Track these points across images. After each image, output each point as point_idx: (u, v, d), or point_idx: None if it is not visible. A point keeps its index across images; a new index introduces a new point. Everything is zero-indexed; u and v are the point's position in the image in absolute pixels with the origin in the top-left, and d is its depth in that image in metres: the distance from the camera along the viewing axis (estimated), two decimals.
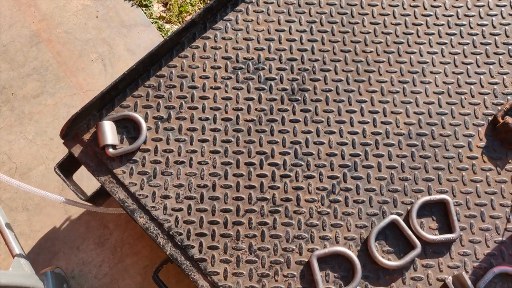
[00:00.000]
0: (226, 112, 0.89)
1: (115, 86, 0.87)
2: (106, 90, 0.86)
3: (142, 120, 0.87)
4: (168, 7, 1.32)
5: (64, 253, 1.07)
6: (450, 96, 0.90)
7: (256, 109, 0.89)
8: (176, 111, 0.89)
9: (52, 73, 1.21)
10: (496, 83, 0.90)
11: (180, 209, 0.82)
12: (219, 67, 0.92)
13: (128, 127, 0.88)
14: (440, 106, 0.89)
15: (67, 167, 0.87)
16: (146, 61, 0.89)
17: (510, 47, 0.93)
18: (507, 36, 0.94)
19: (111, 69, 1.17)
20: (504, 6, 0.96)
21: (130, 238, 1.08)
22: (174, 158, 0.85)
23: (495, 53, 0.92)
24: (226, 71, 0.91)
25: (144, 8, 1.29)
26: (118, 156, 0.85)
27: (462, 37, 0.94)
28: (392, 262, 0.78)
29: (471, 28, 0.95)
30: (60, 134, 0.83)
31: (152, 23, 1.26)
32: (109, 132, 0.85)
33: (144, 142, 0.86)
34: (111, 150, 0.84)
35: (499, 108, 0.88)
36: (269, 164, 0.85)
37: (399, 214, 0.82)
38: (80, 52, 1.23)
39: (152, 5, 1.31)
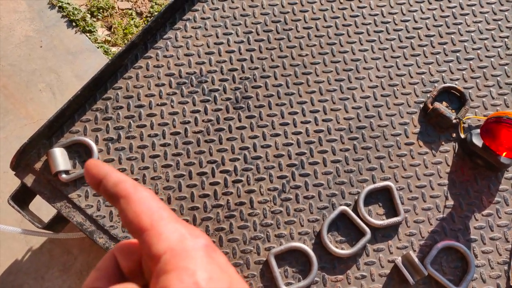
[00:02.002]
0: (174, 127, 0.92)
1: (63, 113, 0.89)
2: (53, 118, 0.87)
3: (92, 143, 0.89)
4: (112, 30, 1.34)
5: (29, 284, 1.07)
6: (383, 88, 0.96)
7: (203, 121, 0.92)
8: (126, 130, 0.91)
9: (0, 106, 1.21)
10: (423, 73, 0.97)
11: None
12: (163, 84, 0.95)
13: (79, 152, 0.89)
14: (376, 99, 0.95)
15: (21, 198, 0.87)
16: (91, 85, 0.91)
17: (432, 38, 1.00)
18: (428, 29, 1.01)
19: (60, 97, 1.18)
20: (423, 2, 1.03)
21: (95, 261, 1.09)
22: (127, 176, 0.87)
23: (419, 45, 1.00)
24: (171, 87, 0.95)
25: (88, 34, 1.30)
26: (72, 180, 0.86)
27: (388, 33, 1.01)
28: (345, 250, 0.83)
29: (396, 24, 1.02)
30: (10, 166, 0.84)
31: (98, 47, 1.28)
32: (60, 158, 0.86)
33: None
34: (64, 175, 0.85)
35: (428, 95, 0.95)
36: (221, 172, 0.89)
37: (348, 205, 0.87)
38: (27, 83, 1.24)
39: (96, 30, 1.33)
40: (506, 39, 1.01)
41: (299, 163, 0.90)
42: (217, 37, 0.99)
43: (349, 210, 0.85)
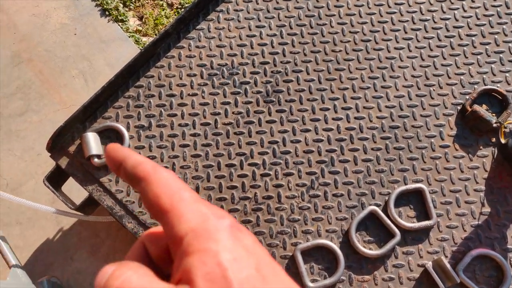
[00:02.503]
0: (205, 117, 0.91)
1: (96, 99, 0.90)
2: (87, 103, 0.88)
3: (124, 130, 0.89)
4: (143, 20, 1.35)
5: (59, 263, 1.09)
6: (419, 88, 0.93)
7: (233, 113, 0.92)
8: (156, 119, 0.91)
9: (36, 91, 1.24)
10: (462, 74, 0.94)
11: None
12: (195, 75, 0.95)
13: (111, 137, 0.90)
14: (411, 99, 0.93)
15: (55, 179, 0.89)
16: (124, 73, 0.92)
17: (473, 38, 0.97)
18: (470, 28, 0.98)
19: (92, 84, 1.20)
20: (465, 0, 1.00)
21: (121, 245, 1.10)
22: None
23: (459, 45, 0.96)
24: (202, 78, 0.94)
25: (120, 23, 1.32)
26: (104, 165, 0.87)
27: (426, 31, 0.98)
28: (373, 251, 0.81)
29: (435, 22, 0.99)
30: (46, 148, 0.85)
31: (129, 37, 1.29)
32: (93, 143, 0.87)
33: None
34: (96, 160, 0.86)
35: (467, 97, 0.92)
36: (249, 164, 0.88)
37: (378, 205, 0.85)
38: (61, 69, 1.26)
39: (128, 20, 1.34)
40: None
41: (329, 160, 0.88)
42: (250, 29, 0.98)
43: (379, 210, 0.83)
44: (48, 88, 1.23)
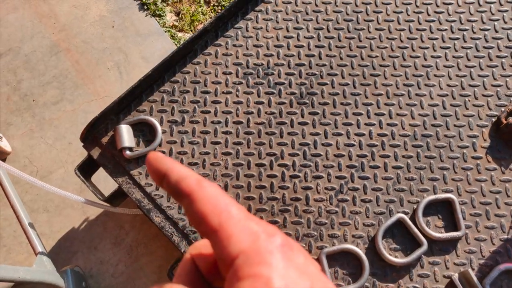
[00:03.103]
0: (238, 116, 0.92)
1: (132, 92, 0.92)
2: (123, 96, 0.90)
3: (157, 124, 0.91)
4: (180, 16, 1.37)
5: (83, 252, 1.12)
6: (454, 98, 0.93)
7: (266, 113, 0.92)
8: (190, 115, 0.93)
9: (71, 80, 1.27)
10: (499, 85, 0.93)
11: None
12: (230, 73, 0.96)
13: (144, 131, 0.92)
14: (445, 108, 0.92)
15: (86, 169, 0.91)
16: (161, 68, 0.93)
17: None
18: (510, 40, 0.96)
19: (126, 76, 1.23)
20: (506, 11, 0.98)
21: (145, 239, 1.12)
22: (188, 159, 0.89)
23: (497, 56, 0.95)
24: (237, 76, 0.95)
25: (157, 18, 1.34)
26: (135, 158, 0.89)
27: (465, 41, 0.97)
28: (399, 259, 0.81)
29: (474, 32, 0.97)
30: (80, 137, 0.88)
31: (165, 32, 1.31)
32: (126, 135, 0.89)
33: (160, 145, 0.91)
34: (128, 152, 0.88)
35: (502, 109, 0.91)
36: (279, 165, 0.89)
37: (406, 213, 0.85)
38: (97, 61, 1.29)
39: (165, 15, 1.36)
40: None
41: (359, 165, 0.88)
42: (287, 30, 0.99)
43: (406, 218, 0.83)
44: (84, 78, 1.26)
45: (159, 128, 0.91)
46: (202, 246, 0.30)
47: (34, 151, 1.21)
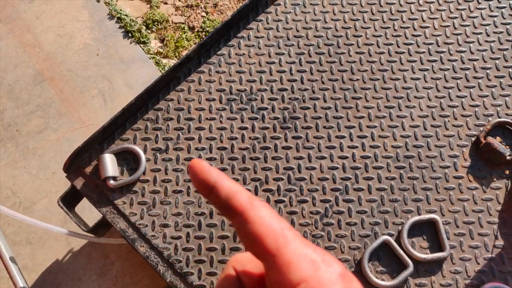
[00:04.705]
0: (222, 142, 0.93)
1: (115, 121, 0.92)
2: (107, 125, 0.90)
3: (141, 152, 0.91)
4: (165, 43, 1.39)
5: (67, 284, 1.09)
6: (434, 119, 0.94)
7: (250, 138, 0.93)
8: (174, 142, 0.93)
9: (55, 109, 1.27)
10: (477, 105, 0.95)
11: (179, 237, 0.85)
12: (214, 99, 0.96)
13: (128, 159, 0.92)
14: (426, 129, 0.93)
15: (69, 200, 0.90)
16: (144, 95, 0.94)
17: (488, 71, 0.98)
18: (485, 61, 0.99)
19: (111, 104, 1.23)
20: (480, 33, 1.01)
21: (131, 268, 1.10)
22: (172, 187, 0.89)
23: (474, 77, 0.97)
24: (221, 102, 0.96)
25: (142, 45, 1.35)
26: (119, 187, 0.89)
27: (442, 63, 0.99)
28: (385, 282, 0.81)
29: (451, 54, 1.00)
30: (63, 168, 0.87)
31: (150, 58, 1.32)
32: (110, 164, 0.89)
33: (144, 173, 0.90)
34: (112, 181, 0.88)
35: (481, 129, 0.93)
36: (264, 190, 0.89)
37: (391, 235, 0.85)
38: (82, 89, 1.29)
39: (150, 42, 1.38)
40: None
41: (344, 188, 0.89)
42: (270, 56, 1.01)
43: (392, 240, 0.83)
44: (68, 106, 1.25)
45: (143, 156, 0.91)
46: (247, 261, 0.31)
47: (17, 181, 1.20)
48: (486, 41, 1.01)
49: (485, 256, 0.83)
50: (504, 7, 1.04)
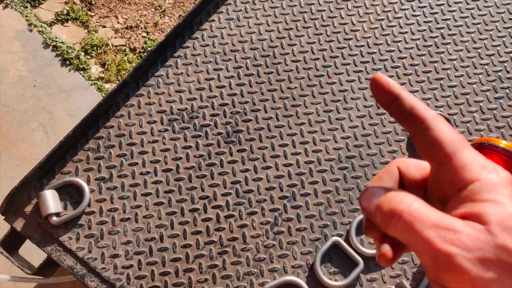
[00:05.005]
0: (166, 163, 0.92)
1: (54, 154, 0.90)
2: (44, 160, 0.88)
3: (84, 184, 0.89)
4: (106, 67, 1.37)
5: None
6: (371, 118, 0.98)
7: (194, 156, 0.93)
8: (117, 169, 0.92)
9: None
10: None
11: (131, 266, 0.84)
12: (155, 121, 0.96)
13: (71, 192, 0.90)
14: (364, 128, 0.97)
15: (11, 243, 0.87)
16: (83, 125, 0.92)
17: (416, 67, 1.02)
18: (412, 58, 1.03)
19: (53, 136, 1.20)
20: (406, 32, 1.06)
21: None
22: (119, 216, 0.88)
23: (404, 74, 1.02)
24: (162, 124, 0.96)
25: (81, 72, 1.33)
26: (63, 223, 0.86)
27: (374, 63, 1.03)
28: (338, 282, 0.82)
29: (381, 54, 1.04)
30: None
31: (91, 84, 1.30)
32: (51, 200, 0.86)
33: (89, 205, 0.88)
34: (54, 218, 0.85)
35: None
36: (213, 207, 0.89)
37: (340, 235, 0.87)
38: (20, 123, 1.25)
39: (90, 68, 1.36)
40: (486, 66, 1.03)
41: (291, 195, 0.90)
42: (208, 73, 1.01)
43: (341, 240, 0.85)
44: (6, 143, 1.21)
45: (86, 188, 0.89)
46: (411, 164, 0.35)
47: None
48: (412, 39, 1.05)
49: None
50: (425, 6, 1.09)
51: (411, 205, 0.28)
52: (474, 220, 0.26)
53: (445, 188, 0.30)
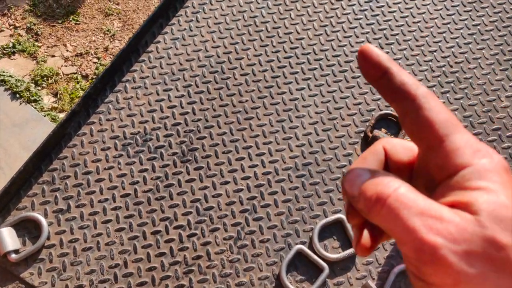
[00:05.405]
0: (124, 189, 0.92)
1: (7, 191, 0.88)
2: None
3: (41, 218, 0.88)
4: (58, 96, 1.35)
5: None
6: (324, 123, 1.00)
7: (151, 178, 0.93)
8: (75, 199, 0.91)
9: None
10: (359, 103, 1.02)
11: None
12: (109, 148, 0.95)
13: (28, 227, 0.88)
14: (318, 135, 0.98)
15: None
16: (34, 159, 0.91)
17: None
18: None
19: (9, 170, 1.17)
20: (350, 36, 1.09)
21: None
22: (81, 246, 0.87)
23: (352, 77, 1.04)
24: (116, 149, 0.95)
25: (33, 104, 1.31)
26: (23, 259, 0.85)
27: (322, 69, 1.05)
28: None
29: (328, 60, 1.06)
30: None
31: (44, 116, 1.28)
32: (8, 238, 0.84)
33: (48, 238, 0.87)
34: (13, 255, 0.84)
35: (367, 124, 0.99)
36: (175, 228, 0.89)
37: (303, 243, 0.88)
38: None
39: (42, 99, 1.34)
40: (430, 62, 1.07)
41: (252, 207, 0.91)
42: (158, 94, 1.01)
43: (304, 248, 0.87)
44: None
45: (43, 222, 0.87)
46: (398, 145, 0.32)
47: None
48: (357, 42, 1.09)
49: (391, 241, 0.89)
50: (366, 10, 1.13)
51: (398, 189, 0.26)
52: (463, 209, 0.24)
53: (434, 174, 0.28)
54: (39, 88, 1.31)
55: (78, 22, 1.51)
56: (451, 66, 1.08)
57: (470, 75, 1.06)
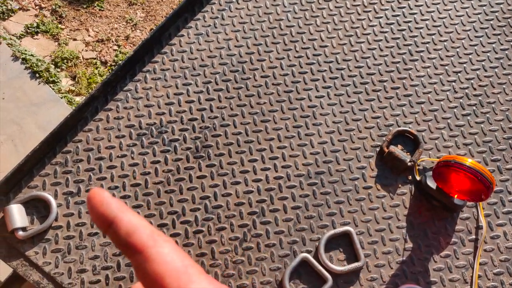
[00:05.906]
0: (135, 178, 0.92)
1: (20, 169, 0.88)
2: (10, 174, 0.87)
3: (51, 198, 0.88)
4: (76, 80, 1.36)
5: None
6: (340, 133, 0.99)
7: (163, 171, 0.93)
8: (85, 184, 0.91)
9: None
10: (378, 117, 1.01)
11: (98, 281, 0.83)
12: (123, 136, 0.95)
13: (38, 207, 0.88)
14: (333, 144, 0.98)
15: None
16: (50, 140, 0.91)
17: (385, 83, 1.04)
18: (381, 75, 1.06)
19: (22, 148, 1.18)
20: (375, 49, 1.08)
21: None
22: (87, 230, 0.87)
23: (373, 90, 1.04)
24: (131, 138, 0.95)
25: (52, 85, 1.31)
26: (30, 237, 0.85)
27: (343, 79, 1.05)
28: None
29: (350, 70, 1.06)
30: None
31: (61, 98, 1.29)
32: (17, 215, 0.85)
33: (56, 219, 0.87)
34: (21, 232, 0.84)
35: (384, 139, 0.98)
36: (181, 223, 0.89)
37: (309, 251, 0.88)
38: None
39: (60, 81, 1.34)
40: (453, 83, 1.06)
41: (260, 210, 0.90)
42: (177, 87, 1.01)
43: (310, 257, 0.86)
44: None
45: (53, 202, 0.87)
46: None
47: None
48: (380, 56, 1.08)
49: (397, 260, 0.88)
50: (392, 23, 1.12)
51: None
52: None
53: None
54: (59, 70, 1.32)
55: (102, 9, 1.52)
56: (475, 89, 1.06)
57: (494, 100, 1.04)
